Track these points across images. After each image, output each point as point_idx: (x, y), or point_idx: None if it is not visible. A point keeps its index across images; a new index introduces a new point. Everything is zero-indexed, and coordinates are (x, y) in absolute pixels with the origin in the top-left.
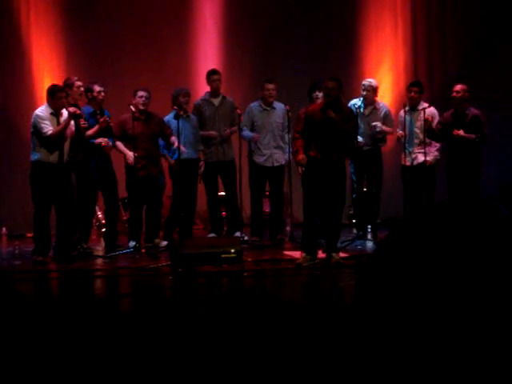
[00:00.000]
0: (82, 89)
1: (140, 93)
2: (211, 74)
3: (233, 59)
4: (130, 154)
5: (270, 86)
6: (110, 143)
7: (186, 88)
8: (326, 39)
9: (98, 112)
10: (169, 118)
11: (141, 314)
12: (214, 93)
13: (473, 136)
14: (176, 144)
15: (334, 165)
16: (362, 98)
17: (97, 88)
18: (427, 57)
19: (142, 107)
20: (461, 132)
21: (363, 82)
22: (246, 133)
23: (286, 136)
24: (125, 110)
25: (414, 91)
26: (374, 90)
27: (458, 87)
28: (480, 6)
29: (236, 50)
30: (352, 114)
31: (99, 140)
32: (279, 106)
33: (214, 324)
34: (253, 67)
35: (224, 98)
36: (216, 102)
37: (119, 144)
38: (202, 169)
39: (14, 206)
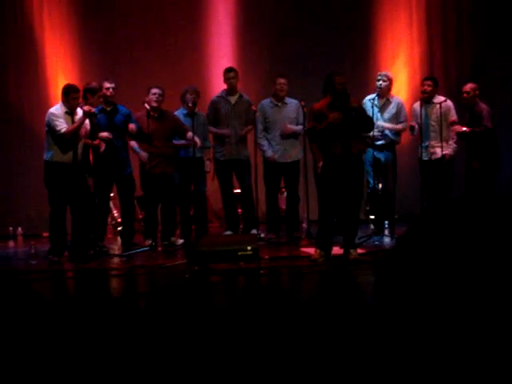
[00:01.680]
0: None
1: (153, 90)
2: (227, 71)
3: (247, 57)
4: (144, 155)
5: (282, 81)
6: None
7: (194, 86)
8: (340, 35)
9: (107, 109)
10: (176, 114)
11: (157, 312)
12: (231, 90)
13: (468, 130)
14: (193, 139)
15: (353, 159)
16: (376, 92)
17: (106, 84)
18: (442, 52)
19: (154, 104)
20: (457, 127)
21: (379, 73)
22: (266, 148)
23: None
24: (140, 109)
25: (428, 84)
26: (389, 80)
27: (468, 87)
28: (494, 1)
29: (250, 48)
30: (360, 105)
31: (103, 134)
32: (291, 102)
33: (230, 321)
34: (267, 65)
35: (241, 96)
36: (232, 99)
37: (133, 143)
38: (212, 169)
39: (29, 206)
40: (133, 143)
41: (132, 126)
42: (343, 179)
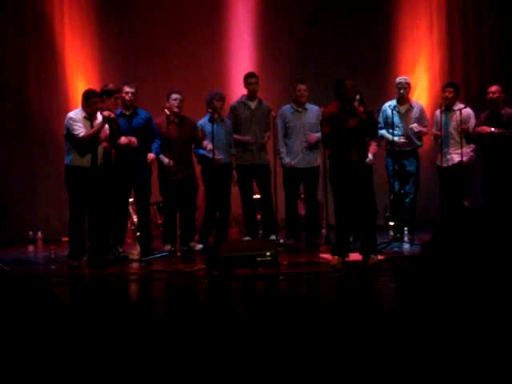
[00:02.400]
0: (120, 100)
1: (174, 95)
2: (248, 76)
3: (266, 62)
4: (167, 161)
5: (302, 87)
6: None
7: (220, 92)
8: (360, 40)
9: (127, 113)
10: (203, 121)
11: (176, 317)
12: (251, 96)
13: (497, 131)
14: (209, 147)
15: (366, 164)
16: (396, 98)
17: (126, 88)
18: (463, 58)
19: (176, 110)
20: (484, 127)
21: (398, 80)
22: (284, 155)
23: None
24: (159, 112)
25: (449, 91)
26: (409, 86)
27: (494, 88)
28: None
29: (270, 53)
30: (370, 114)
31: (123, 140)
32: (312, 108)
33: (249, 327)
34: (287, 69)
35: (260, 101)
36: (252, 105)
37: (160, 156)
38: (235, 178)
39: (49, 211)
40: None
41: (206, 143)
42: (358, 184)
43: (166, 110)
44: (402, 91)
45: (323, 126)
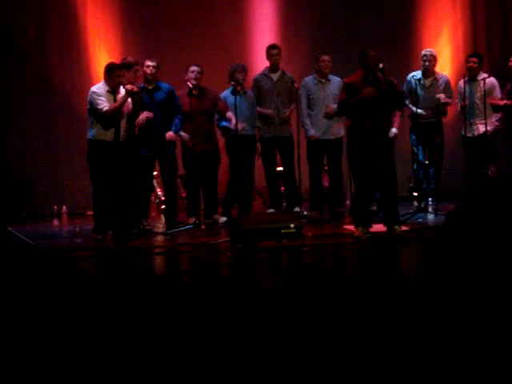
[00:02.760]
0: (140, 73)
1: (192, 67)
2: (270, 48)
3: (289, 34)
4: (187, 138)
5: (326, 58)
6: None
7: (242, 63)
8: (383, 12)
9: (149, 88)
10: (226, 93)
11: (200, 290)
12: (273, 67)
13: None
14: (233, 120)
15: (384, 135)
16: (421, 70)
17: (147, 62)
18: (486, 28)
19: (194, 82)
20: (494, 100)
21: (424, 52)
22: (309, 127)
23: None
24: (182, 86)
25: (473, 61)
26: (435, 59)
27: None
28: None
29: (292, 25)
30: (390, 83)
31: (141, 118)
32: (334, 79)
33: (275, 299)
34: (309, 41)
35: (283, 73)
36: (275, 77)
37: (181, 132)
38: (260, 150)
39: (74, 185)
40: (180, 133)
41: (230, 114)
42: (375, 155)
43: (188, 83)
44: (427, 63)
45: (340, 94)
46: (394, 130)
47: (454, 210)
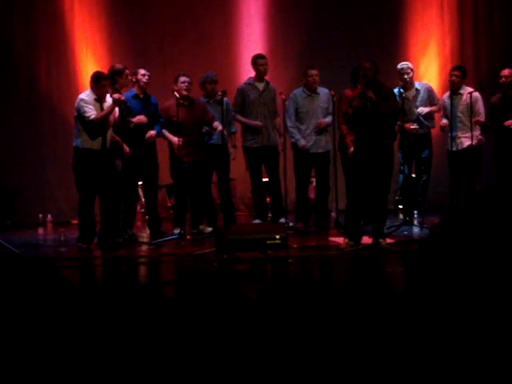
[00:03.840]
0: (130, 77)
1: (182, 78)
2: (257, 57)
3: (276, 46)
4: (175, 140)
5: (313, 72)
6: (145, 119)
7: (212, 73)
8: (370, 24)
9: (141, 96)
10: None
11: (185, 300)
12: (260, 77)
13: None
14: (219, 129)
15: (382, 149)
16: (401, 85)
17: (141, 71)
18: (474, 42)
19: (185, 93)
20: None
21: (400, 66)
22: (298, 137)
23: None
24: (168, 96)
25: (455, 75)
26: (412, 71)
27: (506, 72)
28: None
29: (280, 37)
30: (391, 94)
31: (138, 118)
32: (323, 91)
33: (259, 311)
34: (297, 53)
35: (267, 83)
36: (260, 86)
37: (164, 131)
38: (233, 156)
39: (58, 193)
40: (164, 131)
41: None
42: (372, 168)
43: (175, 93)
44: (405, 76)
45: (342, 106)
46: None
47: (438, 223)
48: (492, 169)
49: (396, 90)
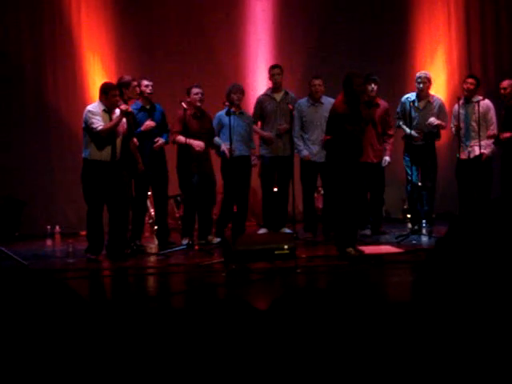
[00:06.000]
0: (138, 88)
1: (195, 90)
2: (271, 68)
3: (283, 56)
4: (198, 143)
5: (317, 82)
6: (153, 124)
7: (238, 84)
8: (377, 34)
9: (147, 107)
10: (220, 114)
11: (194, 311)
12: (276, 88)
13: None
14: (222, 148)
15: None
16: (416, 92)
17: (144, 82)
18: (481, 51)
19: (198, 104)
20: (507, 135)
21: (418, 74)
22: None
23: None
24: (174, 105)
25: (470, 83)
26: (429, 81)
27: (505, 83)
28: None
29: (287, 47)
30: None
31: (146, 124)
32: (327, 101)
33: (269, 320)
34: (303, 63)
35: (286, 93)
36: (278, 97)
37: (181, 137)
38: (255, 162)
39: (67, 205)
40: (180, 137)
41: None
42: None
43: (183, 104)
44: (421, 86)
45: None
46: (386, 158)
47: (444, 234)
48: (499, 180)
49: (405, 97)
